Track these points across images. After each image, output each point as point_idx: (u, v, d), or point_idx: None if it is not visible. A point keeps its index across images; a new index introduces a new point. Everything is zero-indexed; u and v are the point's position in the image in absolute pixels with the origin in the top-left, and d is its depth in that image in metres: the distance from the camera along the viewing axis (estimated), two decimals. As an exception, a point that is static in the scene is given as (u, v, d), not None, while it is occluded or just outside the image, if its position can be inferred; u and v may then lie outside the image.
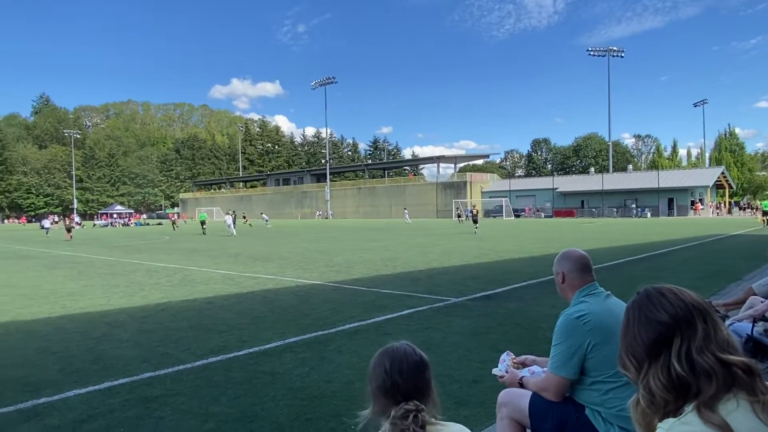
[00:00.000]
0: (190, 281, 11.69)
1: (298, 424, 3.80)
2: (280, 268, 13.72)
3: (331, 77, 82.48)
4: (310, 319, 7.35)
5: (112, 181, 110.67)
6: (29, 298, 9.74)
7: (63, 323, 7.52)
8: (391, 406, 1.40)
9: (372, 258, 16.00)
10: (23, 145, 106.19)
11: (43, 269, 15.03)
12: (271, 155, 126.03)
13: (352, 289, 10.06)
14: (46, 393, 4.57)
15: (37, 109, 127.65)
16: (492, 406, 3.82)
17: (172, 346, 6.07)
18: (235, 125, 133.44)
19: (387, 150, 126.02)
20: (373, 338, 6.21)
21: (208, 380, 4.84)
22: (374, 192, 78.81)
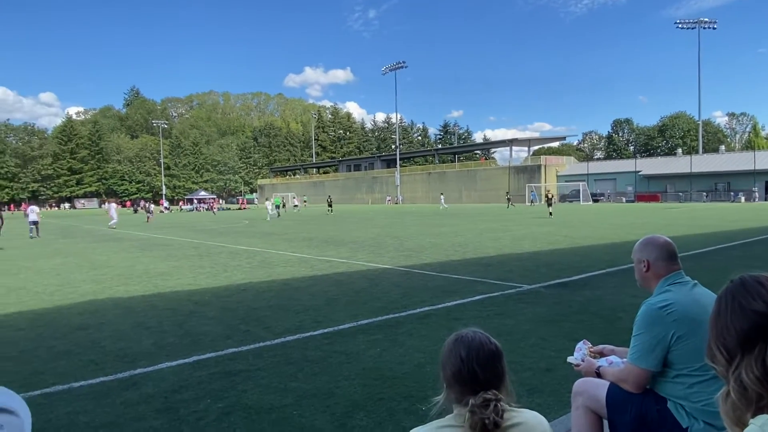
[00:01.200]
0: (269, 263, 12.22)
1: (372, 403, 3.91)
2: (352, 252, 14.01)
3: (401, 62, 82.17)
4: (381, 303, 7.48)
5: (196, 168, 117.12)
6: (125, 278, 10.59)
7: (155, 301, 8.13)
8: (467, 394, 1.41)
9: (442, 243, 15.95)
10: (117, 136, 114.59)
11: (136, 251, 16.26)
12: (342, 141, 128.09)
13: (421, 273, 10.10)
14: (142, 364, 4.98)
15: (129, 102, 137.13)
16: (566, 395, 3.73)
17: (253, 324, 6.41)
18: (309, 113, 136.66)
19: (457, 134, 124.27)
20: (443, 323, 6.23)
21: (287, 357, 5.08)
22: (444, 177, 78.16)
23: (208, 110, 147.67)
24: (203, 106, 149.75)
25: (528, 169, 68.49)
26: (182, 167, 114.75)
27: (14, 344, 5.83)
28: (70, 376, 4.68)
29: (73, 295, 8.72)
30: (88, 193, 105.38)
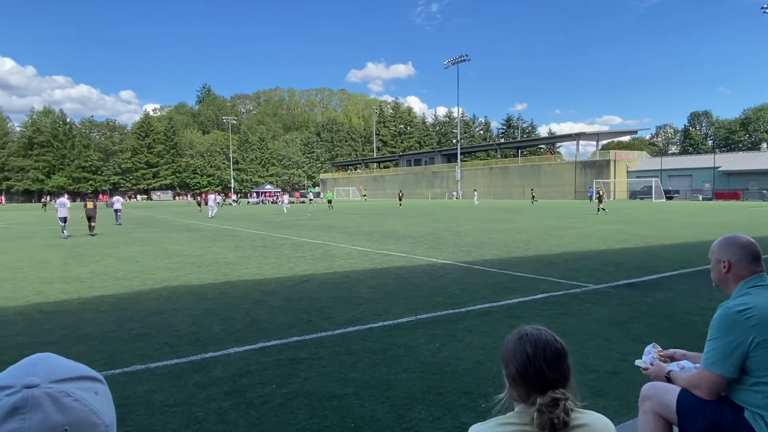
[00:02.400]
0: (330, 256, 12.47)
1: (430, 396, 3.93)
2: (412, 247, 14.04)
3: (464, 55, 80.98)
4: (440, 297, 7.47)
5: (262, 163, 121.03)
6: (197, 266, 11.15)
7: (224, 289, 8.52)
8: (533, 393, 1.40)
9: (503, 239, 15.67)
10: (190, 131, 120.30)
11: (207, 241, 17.06)
12: (403, 136, 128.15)
13: (482, 270, 9.98)
14: (212, 349, 5.25)
15: (201, 99, 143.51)
16: (632, 399, 3.59)
17: (315, 314, 6.59)
18: (370, 108, 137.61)
19: (521, 128, 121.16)
20: (504, 320, 6.14)
21: (347, 348, 5.18)
22: (506, 172, 76.52)
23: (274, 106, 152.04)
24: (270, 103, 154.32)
25: (596, 164, 65.72)
26: (249, 162, 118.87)
27: (98, 326, 6.30)
28: (147, 357, 5.01)
29: (150, 282, 9.29)
30: (164, 185, 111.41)
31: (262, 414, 3.70)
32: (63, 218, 19.77)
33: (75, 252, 14.32)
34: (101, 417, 0.63)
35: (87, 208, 21.52)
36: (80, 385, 0.63)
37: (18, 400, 0.57)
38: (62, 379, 0.61)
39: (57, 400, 0.58)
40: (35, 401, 0.57)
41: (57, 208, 20.34)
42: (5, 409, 0.56)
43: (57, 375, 0.62)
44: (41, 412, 0.57)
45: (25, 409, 0.56)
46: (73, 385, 0.62)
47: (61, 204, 20.25)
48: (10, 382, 0.59)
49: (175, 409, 3.80)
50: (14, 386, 0.58)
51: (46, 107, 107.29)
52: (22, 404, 0.56)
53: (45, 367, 0.62)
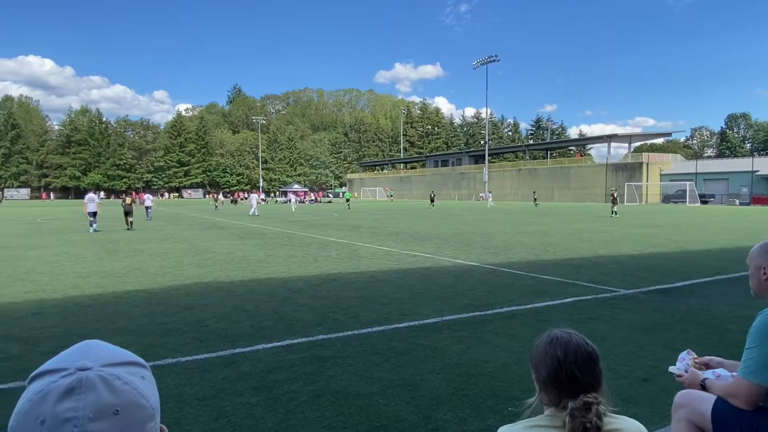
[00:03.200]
0: (357, 255, 12.53)
1: (457, 398, 3.92)
2: (438, 248, 13.99)
3: (494, 55, 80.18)
4: (466, 299, 7.42)
5: (290, 162, 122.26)
6: (226, 263, 11.35)
7: (253, 286, 8.65)
8: (564, 397, 1.38)
9: (531, 242, 15.47)
10: (220, 131, 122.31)
11: (236, 239, 17.34)
12: (430, 137, 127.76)
13: (509, 272, 9.88)
14: (241, 344, 5.33)
15: (232, 99, 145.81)
16: (664, 407, 3.51)
17: (341, 313, 6.63)
18: (398, 108, 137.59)
19: (550, 129, 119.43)
20: (532, 324, 6.07)
21: (373, 347, 5.20)
22: (535, 174, 75.51)
23: (303, 107, 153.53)
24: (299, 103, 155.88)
25: (628, 166, 64.28)
26: (278, 161, 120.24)
27: (132, 319, 6.47)
28: (178, 351, 5.12)
29: (181, 278, 9.49)
30: (194, 183, 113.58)
31: (289, 410, 3.74)
32: (92, 213, 20.53)
33: (110, 247, 14.73)
34: (148, 400, 0.66)
35: (125, 203, 22.44)
36: (128, 370, 0.66)
37: (73, 381, 0.60)
38: (112, 364, 0.65)
39: (108, 383, 0.61)
40: (89, 383, 0.60)
41: (86, 203, 21.10)
42: (61, 389, 0.59)
43: (107, 360, 0.65)
44: (94, 393, 0.60)
45: (79, 390, 0.59)
46: (123, 370, 0.65)
47: (90, 199, 21.05)
48: (64, 365, 0.62)
49: (205, 402, 3.87)
50: (69, 369, 0.61)
51: (83, 107, 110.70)
52: (77, 385, 0.60)
53: (96, 352, 0.66)
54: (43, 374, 0.62)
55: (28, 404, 0.59)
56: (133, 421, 0.62)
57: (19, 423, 0.59)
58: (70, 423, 0.58)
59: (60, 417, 0.58)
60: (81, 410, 0.58)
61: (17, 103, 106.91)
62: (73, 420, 0.58)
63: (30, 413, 0.58)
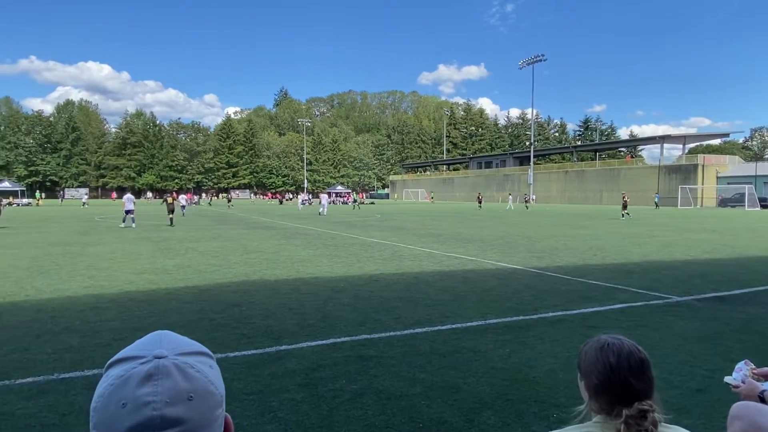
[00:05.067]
0: (399, 256, 12.56)
1: (500, 402, 3.88)
2: (481, 251, 13.85)
3: (540, 55, 78.70)
4: (510, 303, 7.32)
5: (334, 164, 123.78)
6: (272, 262, 11.61)
7: (298, 285, 8.82)
8: (617, 405, 1.35)
9: (578, 246, 15.09)
10: (267, 133, 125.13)
11: (281, 239, 17.70)
12: (474, 138, 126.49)
13: (555, 276, 9.67)
14: (286, 342, 5.45)
15: (278, 102, 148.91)
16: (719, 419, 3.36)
17: (383, 314, 6.67)
18: (441, 110, 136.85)
19: (599, 130, 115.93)
20: (578, 330, 5.93)
21: (415, 348, 5.21)
22: (583, 176, 73.45)
23: (347, 109, 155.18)
24: (343, 105, 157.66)
25: (682, 168, 61.63)
26: (322, 163, 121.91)
27: (182, 315, 6.72)
28: (226, 346, 5.29)
29: (229, 275, 9.78)
30: (242, 184, 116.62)
31: (333, 408, 3.80)
32: (128, 210, 23.09)
33: (162, 245, 15.34)
34: (217, 388, 0.70)
35: (167, 202, 25.54)
36: (199, 359, 0.71)
37: (151, 368, 0.65)
38: (185, 353, 0.70)
39: (182, 370, 0.66)
40: (165, 370, 0.65)
41: (124, 202, 23.77)
42: (141, 375, 0.64)
43: (180, 349, 0.70)
44: (171, 379, 0.65)
45: (157, 376, 0.64)
46: (194, 359, 0.70)
47: (128, 199, 23.80)
48: (142, 353, 0.68)
49: (252, 397, 3.99)
50: (146, 356, 0.67)
51: (138, 110, 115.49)
52: (154, 372, 0.65)
53: (170, 342, 0.71)
54: (122, 361, 0.68)
55: (110, 388, 0.64)
56: (204, 406, 0.67)
57: (102, 405, 0.64)
58: (150, 406, 0.63)
59: (140, 400, 0.63)
60: (159, 395, 0.63)
61: (77, 107, 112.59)
62: (152, 404, 0.63)
63: (112, 396, 0.64)
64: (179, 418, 0.63)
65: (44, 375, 4.45)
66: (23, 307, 7.07)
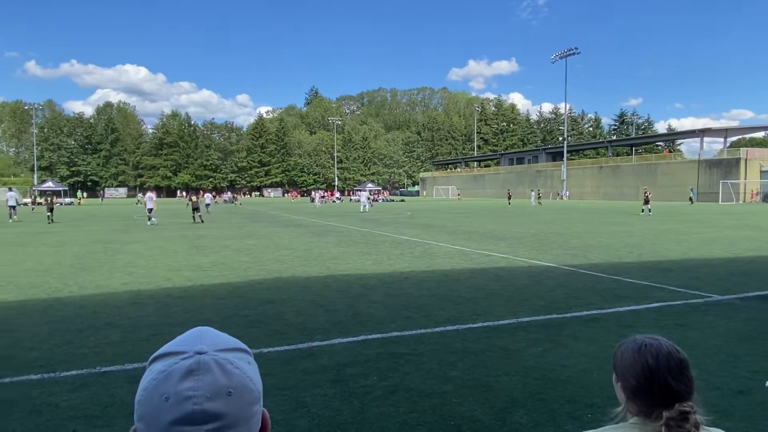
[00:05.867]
0: (429, 254, 12.53)
1: (532, 402, 3.84)
2: (513, 248, 13.69)
3: (573, 48, 77.05)
4: (543, 301, 7.22)
5: (364, 162, 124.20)
6: (304, 259, 11.75)
7: (329, 282, 8.90)
8: (656, 407, 1.33)
9: (613, 243, 14.74)
10: (298, 132, 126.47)
11: (312, 236, 17.89)
12: (505, 134, 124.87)
13: (589, 274, 9.49)
14: (318, 338, 5.52)
15: (309, 101, 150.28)
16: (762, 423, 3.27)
17: (414, 311, 6.68)
18: (471, 106, 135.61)
19: (635, 124, 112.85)
20: (613, 329, 5.81)
21: (446, 346, 5.20)
22: (618, 171, 71.65)
23: (376, 106, 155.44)
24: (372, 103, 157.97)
25: (723, 163, 59.41)
26: (352, 160, 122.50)
27: (217, 311, 6.88)
28: (260, 342, 5.38)
29: (262, 272, 9.95)
30: (274, 183, 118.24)
31: (365, 404, 3.84)
32: (150, 209, 24.59)
33: (198, 243, 15.70)
34: (255, 384, 0.73)
35: (192, 201, 27.08)
36: (237, 356, 0.73)
37: (192, 363, 0.68)
38: (224, 349, 0.72)
39: (222, 366, 0.69)
40: (206, 365, 0.68)
41: (146, 201, 25.32)
42: (183, 369, 0.67)
43: (220, 345, 0.73)
44: (211, 374, 0.67)
45: (198, 371, 0.67)
46: (233, 355, 0.72)
47: (149, 198, 25.25)
48: (183, 348, 0.70)
49: (285, 392, 4.06)
50: (188, 352, 0.69)
51: (173, 111, 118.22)
52: (196, 367, 0.67)
53: (210, 338, 0.74)
54: (164, 356, 0.71)
55: (154, 382, 0.67)
56: (243, 402, 0.69)
57: (146, 398, 0.67)
58: (191, 401, 0.65)
59: (182, 395, 0.65)
60: (200, 390, 0.66)
61: (116, 108, 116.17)
62: (193, 398, 0.65)
63: (155, 390, 0.67)
64: (219, 412, 0.66)
65: (87, 368, 4.62)
66: (67, 303, 7.36)
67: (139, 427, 0.68)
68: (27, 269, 10.46)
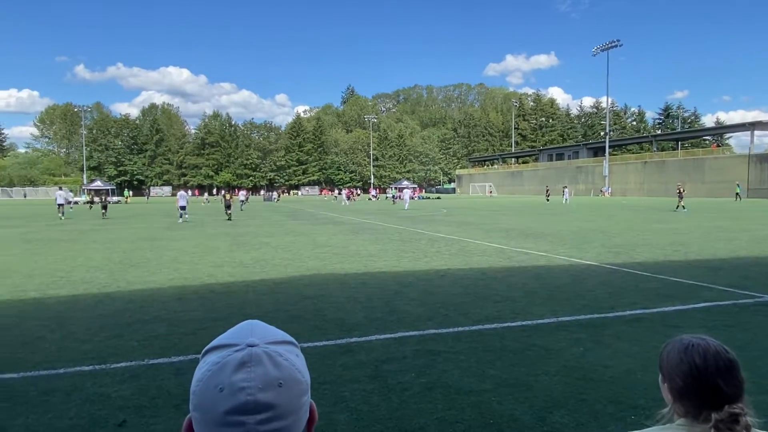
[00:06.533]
0: (466, 252, 12.44)
1: (573, 402, 3.77)
2: (552, 246, 13.43)
3: (615, 40, 74.88)
4: (584, 300, 7.06)
5: (400, 159, 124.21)
6: (341, 257, 11.86)
7: (365, 279, 8.96)
8: (704, 408, 1.29)
9: (657, 241, 14.26)
10: (335, 130, 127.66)
11: (350, 233, 18.03)
12: (544, 129, 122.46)
13: (632, 273, 9.22)
14: (356, 334, 5.57)
15: (345, 99, 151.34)
16: (823, 431, 3.09)
17: (451, 309, 6.65)
18: (509, 101, 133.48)
19: (681, 117, 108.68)
20: (659, 329, 5.63)
21: (484, 344, 5.16)
22: (663, 167, 69.16)
23: (412, 104, 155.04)
24: (408, 100, 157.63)
25: (776, 157, 56.56)
26: (388, 158, 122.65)
27: (259, 306, 7.03)
28: (300, 337, 5.43)
29: (302, 269, 10.10)
30: (311, 181, 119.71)
31: (403, 400, 3.85)
32: (182, 207, 25.66)
33: (239, 240, 16.07)
34: (303, 376, 0.75)
35: (225, 199, 28.14)
36: (287, 348, 0.76)
37: (245, 355, 0.70)
38: (274, 342, 0.75)
39: (272, 358, 0.71)
40: (257, 357, 0.71)
41: (178, 198, 26.55)
42: (236, 362, 0.70)
43: (270, 338, 0.75)
44: (262, 366, 0.70)
45: (250, 363, 0.70)
46: (282, 348, 0.75)
47: (182, 196, 26.43)
48: (235, 341, 0.73)
49: (325, 387, 4.12)
50: (240, 344, 0.72)
51: (215, 111, 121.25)
52: (248, 359, 0.70)
53: (260, 331, 0.76)
54: (217, 348, 0.74)
55: (208, 373, 0.70)
56: (292, 393, 0.71)
57: (201, 388, 0.70)
58: (244, 392, 0.68)
59: (236, 386, 0.68)
60: (252, 381, 0.68)
61: (161, 109, 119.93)
62: (247, 389, 0.68)
63: (210, 381, 0.70)
64: (270, 403, 0.68)
65: (136, 360, 4.81)
66: (116, 298, 7.66)
67: (195, 416, 0.71)
68: (78, 265, 10.94)
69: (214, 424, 0.68)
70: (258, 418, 0.67)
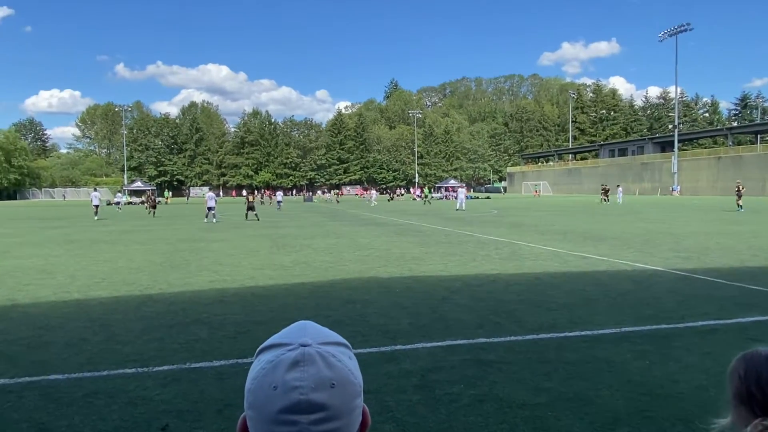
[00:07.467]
0: (519, 255, 12.26)
1: (637, 419, 3.67)
2: (614, 250, 13.05)
3: (685, 24, 71.94)
4: (650, 309, 6.84)
5: (446, 156, 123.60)
6: (385, 259, 11.92)
7: (410, 283, 8.98)
8: (759, 416, 1.25)
9: (734, 245, 13.62)
10: (377, 127, 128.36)
11: (393, 235, 18.09)
12: (605, 123, 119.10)
13: (705, 280, 8.85)
14: (401, 342, 5.59)
15: (388, 94, 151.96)
16: None
17: (503, 316, 6.58)
18: (565, 92, 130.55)
19: (760, 108, 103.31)
20: (735, 342, 5.37)
21: (540, 355, 5.08)
22: (739, 162, 65.88)
23: (459, 97, 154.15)
24: (455, 94, 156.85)
25: None
26: (433, 155, 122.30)
27: (300, 311, 7.17)
28: (342, 343, 5.54)
29: (343, 273, 10.22)
30: (353, 180, 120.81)
31: (451, 412, 3.85)
32: (210, 207, 26.63)
33: (280, 242, 16.41)
34: (356, 378, 0.78)
35: (249, 201, 28.83)
36: (339, 350, 0.79)
37: (298, 354, 0.74)
38: (327, 342, 0.79)
39: (325, 359, 0.75)
40: (310, 357, 0.74)
41: (206, 199, 27.26)
42: (289, 360, 0.74)
43: (323, 338, 0.79)
44: (315, 366, 0.73)
45: (303, 362, 0.73)
46: (335, 349, 0.78)
47: (210, 197, 27.27)
48: (289, 340, 0.77)
49: (369, 395, 4.14)
50: (293, 344, 0.76)
51: (254, 109, 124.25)
52: (301, 358, 0.74)
53: (313, 332, 0.80)
54: (271, 347, 0.78)
55: (262, 372, 0.75)
56: (345, 395, 0.75)
57: (255, 386, 0.75)
58: (297, 391, 0.71)
59: (289, 384, 0.72)
60: (305, 380, 0.72)
61: (200, 108, 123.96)
62: (300, 388, 0.72)
63: (264, 379, 0.74)
64: (323, 403, 0.71)
65: (177, 364, 5.00)
66: (157, 300, 7.99)
67: (249, 414, 0.76)
68: (119, 267, 11.46)
69: (269, 423, 0.72)
70: (311, 418, 0.71)
